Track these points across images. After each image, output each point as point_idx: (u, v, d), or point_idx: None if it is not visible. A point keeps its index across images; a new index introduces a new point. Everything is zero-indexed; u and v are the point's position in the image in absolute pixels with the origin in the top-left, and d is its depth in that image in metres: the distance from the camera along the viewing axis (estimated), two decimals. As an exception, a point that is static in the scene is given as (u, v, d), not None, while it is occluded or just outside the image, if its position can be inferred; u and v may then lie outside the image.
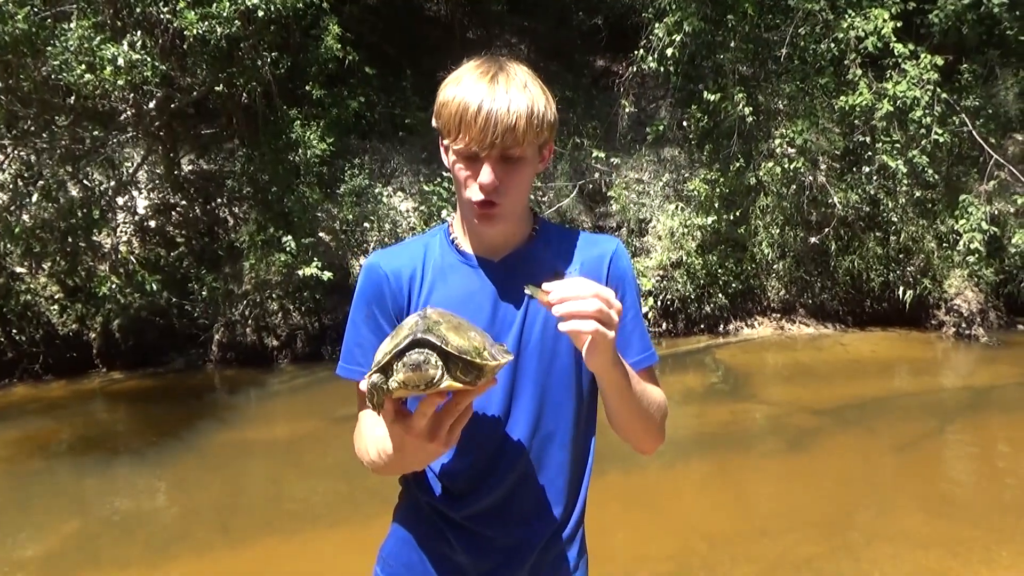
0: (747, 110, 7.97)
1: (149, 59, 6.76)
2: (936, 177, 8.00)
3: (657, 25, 8.39)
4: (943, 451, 5.50)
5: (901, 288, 8.20)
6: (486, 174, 1.21)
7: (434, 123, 1.27)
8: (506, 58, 1.28)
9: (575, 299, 1.07)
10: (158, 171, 8.38)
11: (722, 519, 4.32)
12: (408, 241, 1.42)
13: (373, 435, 1.25)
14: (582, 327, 1.07)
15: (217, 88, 7.60)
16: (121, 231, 8.06)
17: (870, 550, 3.89)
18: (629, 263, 1.37)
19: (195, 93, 7.84)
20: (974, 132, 8.08)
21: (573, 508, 1.35)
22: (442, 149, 1.30)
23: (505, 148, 1.20)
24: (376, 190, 8.31)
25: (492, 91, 1.20)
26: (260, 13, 6.90)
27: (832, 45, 8.17)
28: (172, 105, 7.85)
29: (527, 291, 1.13)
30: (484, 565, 1.30)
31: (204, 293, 7.56)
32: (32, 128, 7.33)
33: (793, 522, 4.23)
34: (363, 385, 1.08)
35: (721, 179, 8.17)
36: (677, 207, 8.54)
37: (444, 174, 7.95)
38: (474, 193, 1.24)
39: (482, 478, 1.29)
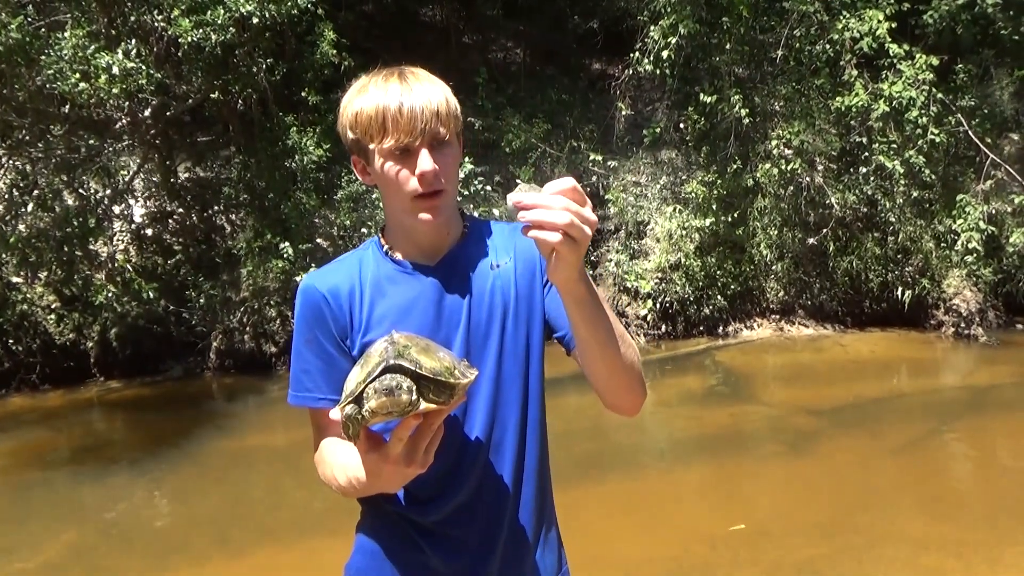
0: (743, 112, 7.97)
1: (144, 67, 6.75)
2: (933, 177, 7.99)
3: (652, 28, 8.39)
4: (943, 451, 5.48)
5: (900, 288, 8.19)
6: (425, 160, 1.21)
7: (350, 136, 1.26)
8: (402, 64, 1.30)
9: (545, 208, 1.05)
10: (154, 179, 8.37)
11: (722, 521, 4.30)
12: (341, 258, 1.40)
13: (340, 462, 1.25)
14: (548, 237, 1.04)
15: (213, 95, 7.60)
16: (118, 239, 8.06)
17: (871, 551, 3.88)
18: None
19: (191, 101, 7.84)
20: (970, 132, 8.08)
21: (532, 501, 1.35)
22: (357, 166, 1.30)
23: (434, 134, 1.22)
24: (373, 196, 8.29)
25: (404, 88, 1.22)
26: (255, 20, 6.90)
27: (827, 46, 8.18)
28: (168, 113, 7.85)
29: (508, 200, 1.09)
30: (457, 565, 1.30)
31: (202, 301, 7.55)
32: (27, 137, 7.32)
33: (794, 524, 4.22)
34: (334, 414, 1.08)
35: (719, 181, 8.17)
36: (675, 209, 8.54)
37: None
38: (415, 187, 1.23)
39: (447, 480, 1.29)
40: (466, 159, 7.26)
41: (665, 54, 8.20)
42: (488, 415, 1.30)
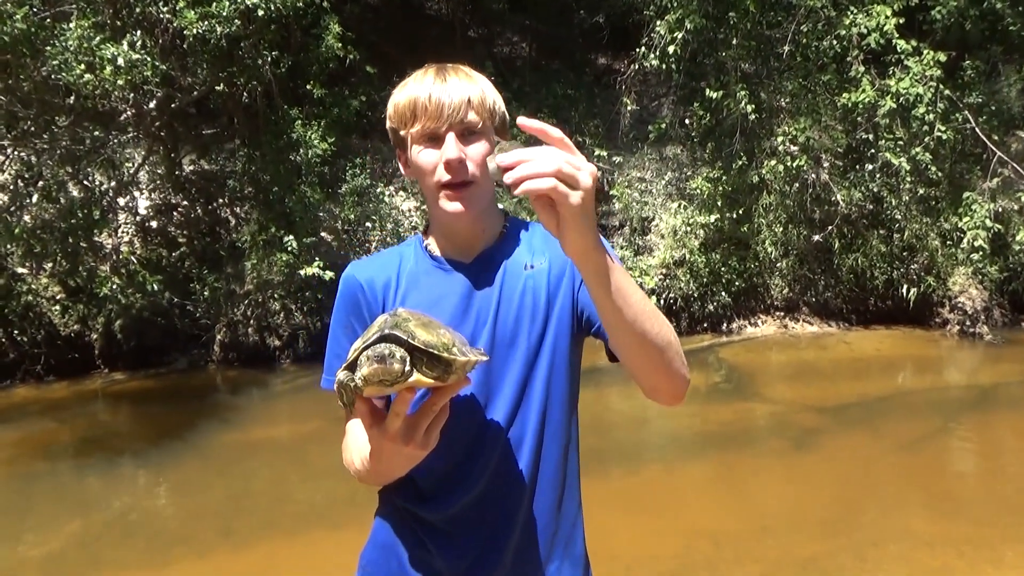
0: (749, 108, 7.94)
1: (149, 59, 6.75)
2: (939, 174, 7.97)
3: (659, 23, 8.37)
4: (948, 450, 5.47)
5: (905, 286, 8.17)
6: (450, 146, 1.22)
7: (389, 127, 1.30)
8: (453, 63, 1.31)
9: (527, 161, 0.96)
10: (159, 171, 8.37)
11: (726, 518, 4.30)
12: (384, 251, 1.44)
13: (356, 445, 1.26)
14: (537, 186, 0.94)
15: (218, 88, 7.59)
16: (122, 231, 8.06)
17: (875, 549, 3.87)
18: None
19: (195, 93, 7.83)
20: (977, 129, 8.05)
21: (553, 512, 1.31)
22: (400, 159, 1.33)
23: (463, 122, 1.22)
24: (378, 190, 8.29)
25: (439, 80, 1.24)
26: (260, 12, 6.88)
27: (834, 42, 8.15)
28: (173, 105, 7.84)
29: (489, 163, 1.02)
30: (460, 567, 1.29)
31: (206, 293, 7.55)
32: (32, 129, 7.32)
33: (797, 521, 4.22)
34: (327, 384, 1.08)
35: (724, 177, 8.14)
36: (680, 205, 8.52)
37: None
38: (441, 175, 1.23)
39: (456, 480, 1.28)
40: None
41: (671, 49, 8.18)
42: (508, 416, 1.28)
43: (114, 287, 6.98)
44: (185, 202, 8.43)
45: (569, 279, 1.31)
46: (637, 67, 8.86)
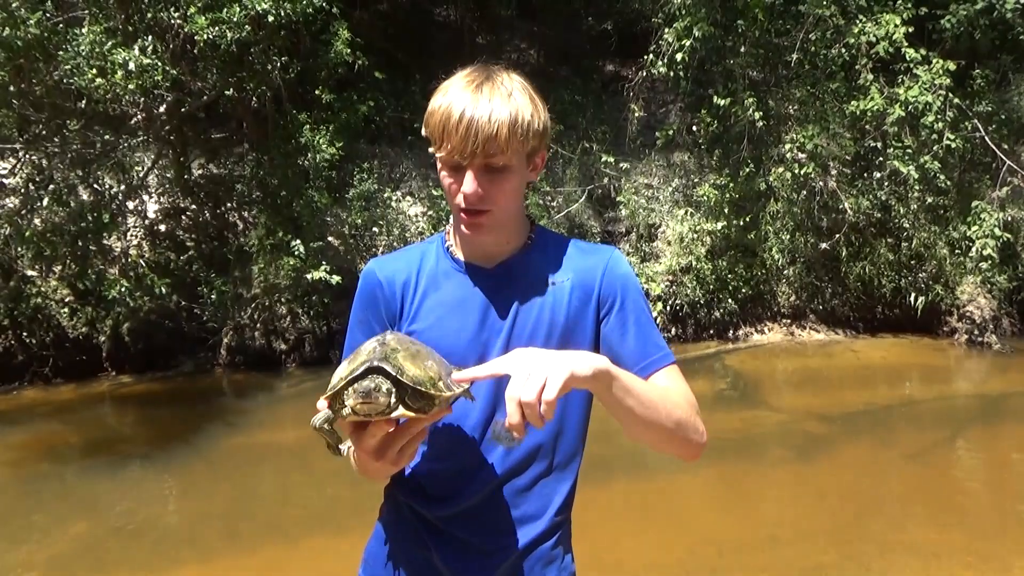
0: (757, 115, 7.93)
1: (160, 64, 6.79)
2: (948, 183, 7.94)
3: (667, 30, 8.37)
4: (955, 460, 5.44)
5: (913, 294, 8.14)
6: (468, 183, 1.22)
7: (424, 132, 1.28)
8: (500, 67, 1.28)
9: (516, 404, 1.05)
10: (168, 175, 8.41)
11: (731, 527, 4.28)
12: (407, 248, 1.44)
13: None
14: (533, 413, 1.04)
15: (227, 92, 7.63)
16: (131, 235, 8.10)
17: (881, 560, 3.85)
18: (628, 269, 1.35)
19: (205, 97, 7.87)
20: (986, 138, 8.02)
21: (554, 520, 1.33)
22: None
23: (488, 157, 1.21)
24: (385, 194, 8.31)
25: (475, 99, 1.20)
26: (270, 18, 6.92)
27: (843, 50, 8.13)
28: (182, 109, 7.89)
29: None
30: (459, 568, 1.30)
31: (213, 297, 7.58)
32: (44, 132, 7.37)
33: (803, 530, 4.20)
34: (320, 404, 1.11)
35: (731, 184, 8.13)
36: (687, 212, 8.51)
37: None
38: (459, 201, 1.25)
39: (460, 483, 1.30)
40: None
41: (679, 56, 8.18)
42: None
43: (122, 290, 7.01)
44: (193, 206, 8.47)
45: (594, 307, 1.32)
46: (645, 74, 8.87)
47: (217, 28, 6.78)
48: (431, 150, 1.26)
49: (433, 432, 1.26)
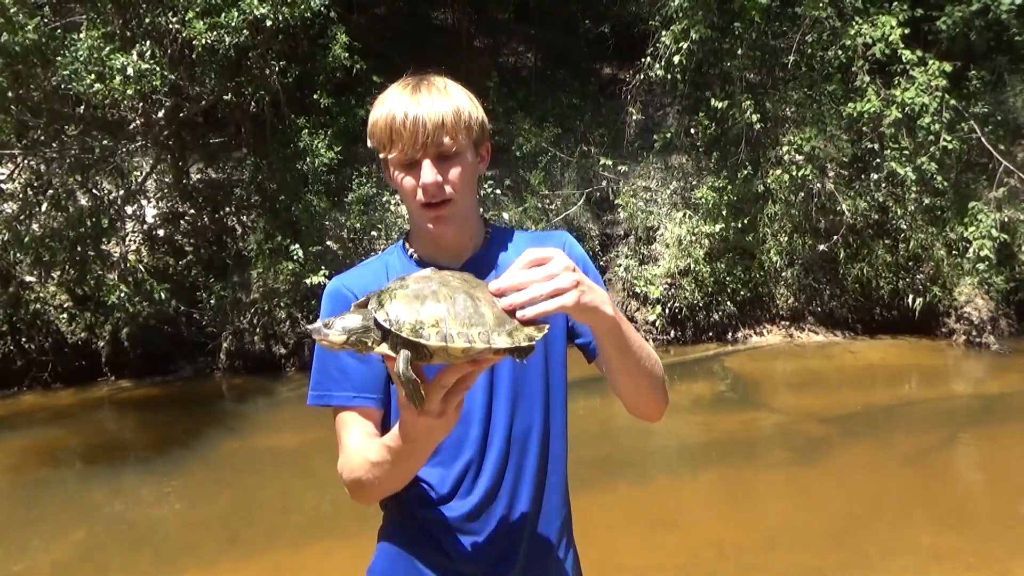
0: (755, 117, 7.95)
1: (158, 69, 6.80)
2: (945, 184, 7.95)
3: (664, 33, 8.38)
4: (954, 461, 5.45)
5: (911, 296, 8.15)
6: (427, 172, 1.25)
7: (369, 144, 1.31)
8: (431, 72, 1.33)
9: (514, 292, 1.03)
10: (167, 180, 8.42)
11: (731, 529, 4.29)
12: (366, 262, 1.44)
13: (362, 453, 1.25)
14: (544, 308, 1.03)
15: (225, 97, 7.63)
16: (130, 240, 8.10)
17: (881, 562, 3.86)
18: (581, 251, 1.41)
19: (204, 102, 7.88)
20: (983, 139, 8.03)
21: (556, 498, 1.39)
22: (384, 170, 1.34)
23: (439, 146, 1.25)
24: (384, 198, 8.32)
25: (415, 99, 1.26)
26: (268, 23, 6.93)
27: (840, 52, 8.14)
28: (181, 114, 7.90)
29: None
30: (480, 565, 1.32)
31: (212, 301, 7.58)
32: (42, 137, 7.38)
33: (803, 533, 4.20)
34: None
35: (729, 186, 8.15)
36: (685, 215, 8.52)
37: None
38: (420, 197, 1.27)
39: (469, 479, 1.32)
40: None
41: (677, 59, 8.19)
42: (509, 417, 1.33)
43: (121, 295, 7.01)
44: (192, 211, 8.47)
45: None
46: (642, 77, 8.87)
47: (215, 33, 6.79)
48: (380, 155, 1.29)
49: None
